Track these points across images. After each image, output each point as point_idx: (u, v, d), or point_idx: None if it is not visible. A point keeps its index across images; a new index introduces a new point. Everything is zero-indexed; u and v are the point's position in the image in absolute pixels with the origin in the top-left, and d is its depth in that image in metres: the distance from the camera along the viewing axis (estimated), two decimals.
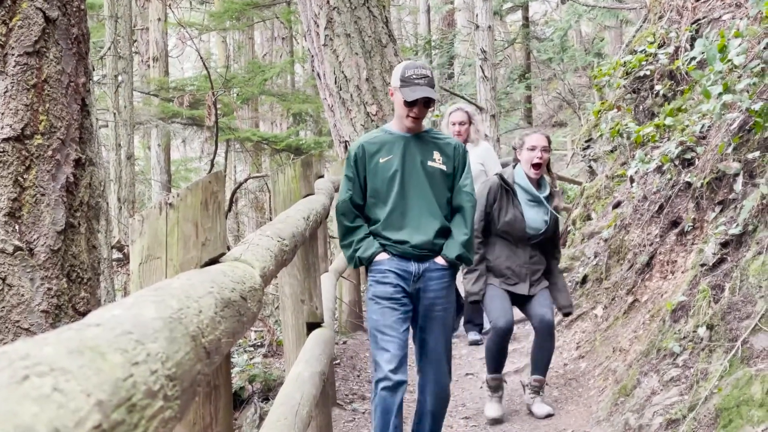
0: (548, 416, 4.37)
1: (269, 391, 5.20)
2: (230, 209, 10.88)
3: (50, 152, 2.66)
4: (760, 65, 3.85)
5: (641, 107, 6.28)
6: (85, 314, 2.68)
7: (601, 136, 6.75)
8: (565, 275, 5.42)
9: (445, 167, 3.50)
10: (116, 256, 10.04)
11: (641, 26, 8.15)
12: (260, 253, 1.93)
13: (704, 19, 5.71)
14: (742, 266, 3.67)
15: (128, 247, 1.82)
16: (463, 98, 14.19)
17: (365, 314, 5.38)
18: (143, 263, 1.56)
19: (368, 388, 5.15)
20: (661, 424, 3.49)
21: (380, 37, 8.02)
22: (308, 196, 3.92)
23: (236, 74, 17.95)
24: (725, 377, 3.29)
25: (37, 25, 2.68)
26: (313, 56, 8.38)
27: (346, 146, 7.94)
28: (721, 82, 3.95)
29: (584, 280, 5.96)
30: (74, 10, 2.82)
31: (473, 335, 6.01)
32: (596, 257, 6.04)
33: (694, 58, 4.73)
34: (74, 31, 2.81)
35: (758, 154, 3.99)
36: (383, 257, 3.46)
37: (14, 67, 2.64)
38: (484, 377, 4.61)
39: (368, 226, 3.53)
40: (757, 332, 3.32)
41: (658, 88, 5.96)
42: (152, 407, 0.78)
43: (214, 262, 1.61)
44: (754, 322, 3.36)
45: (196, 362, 1.01)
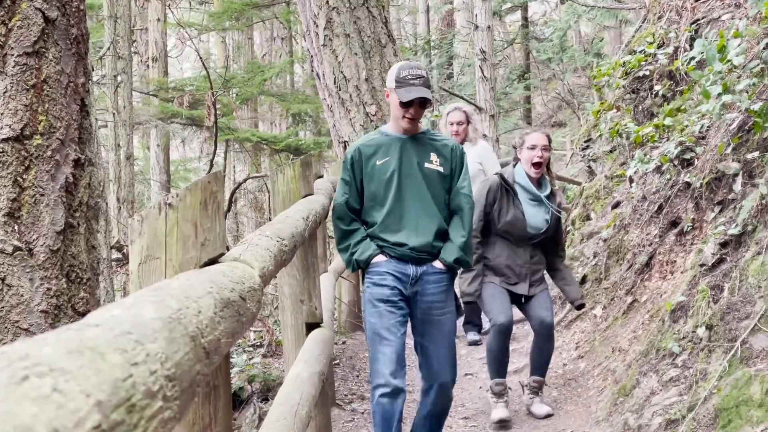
0: (547, 416, 4.37)
1: (268, 391, 5.20)
2: (229, 209, 10.88)
3: (49, 152, 2.66)
4: (759, 65, 3.85)
5: (640, 107, 6.28)
6: (84, 314, 2.68)
7: (600, 136, 6.76)
8: None
9: (442, 169, 3.45)
10: (115, 256, 10.04)
11: (640, 26, 8.15)
12: (259, 253, 1.93)
13: (703, 19, 5.71)
14: (741, 266, 3.67)
15: (127, 247, 1.82)
16: (462, 98, 14.18)
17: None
18: (142, 263, 1.56)
19: (367, 388, 5.14)
20: (660, 424, 3.49)
21: (379, 37, 8.02)
22: (307, 196, 3.92)
23: (235, 74, 17.95)
24: (724, 377, 3.29)
25: (36, 25, 2.68)
26: (312, 56, 8.37)
27: (345, 146, 7.93)
28: (720, 82, 3.95)
29: (583, 280, 5.96)
30: (73, 10, 2.82)
31: (472, 335, 6.02)
32: (595, 257, 6.04)
33: (693, 58, 4.73)
34: (73, 31, 2.81)
35: (757, 154, 3.99)
36: (381, 259, 3.42)
37: (13, 67, 2.64)
38: (485, 380, 4.59)
39: (365, 229, 3.48)
40: (756, 332, 3.32)
41: (657, 88, 5.96)
42: (151, 407, 0.78)
43: (213, 262, 1.61)
44: (753, 322, 3.36)
45: (195, 362, 1.01)
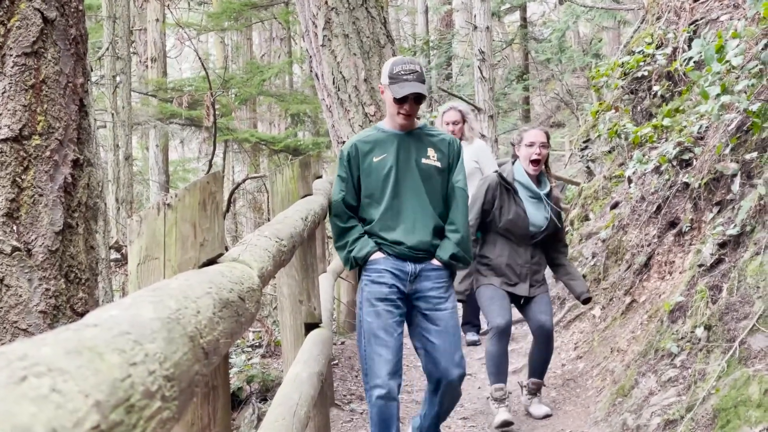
0: (546, 417, 4.37)
1: (267, 391, 5.20)
2: (228, 210, 10.87)
3: (48, 153, 2.66)
4: (758, 66, 3.85)
5: (639, 108, 6.29)
6: (83, 315, 2.68)
7: (599, 136, 6.77)
8: None
9: (439, 164, 3.42)
10: (114, 256, 10.04)
11: (639, 27, 8.16)
12: (258, 253, 1.93)
13: (702, 19, 5.71)
14: (739, 267, 3.67)
15: (126, 247, 1.82)
16: (461, 99, 14.19)
17: None
18: (141, 264, 1.56)
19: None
20: (658, 424, 3.49)
21: (378, 37, 8.02)
22: (306, 196, 3.91)
23: (234, 75, 17.94)
24: (723, 378, 3.30)
25: (35, 25, 2.68)
26: (311, 57, 8.37)
27: None
28: (718, 83, 3.95)
29: None
30: (72, 10, 2.82)
31: (471, 336, 6.02)
32: (594, 258, 6.04)
33: (691, 58, 4.73)
34: (72, 31, 2.81)
35: (756, 154, 3.99)
36: (379, 256, 3.38)
37: (12, 67, 2.64)
38: (484, 380, 4.59)
39: (363, 226, 3.44)
40: (754, 333, 3.32)
41: (656, 88, 5.97)
42: (150, 408, 0.78)
43: (212, 262, 1.61)
44: (751, 322, 3.36)
45: (194, 363, 1.01)
